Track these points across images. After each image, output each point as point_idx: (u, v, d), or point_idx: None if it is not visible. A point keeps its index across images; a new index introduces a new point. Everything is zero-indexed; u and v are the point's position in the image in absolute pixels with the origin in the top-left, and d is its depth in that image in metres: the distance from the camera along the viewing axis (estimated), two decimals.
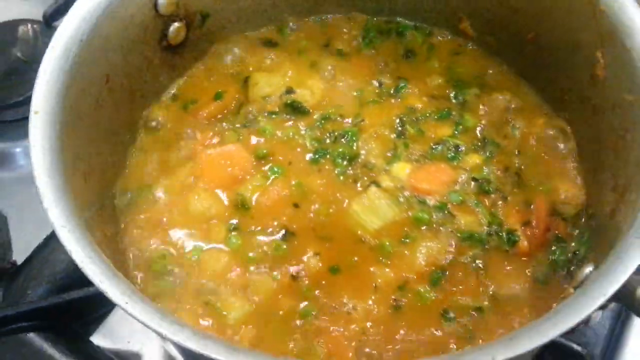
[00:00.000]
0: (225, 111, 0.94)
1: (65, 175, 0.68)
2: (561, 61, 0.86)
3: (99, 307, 1.00)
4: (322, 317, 0.78)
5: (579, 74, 0.83)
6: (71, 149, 0.72)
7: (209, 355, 0.54)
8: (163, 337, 0.56)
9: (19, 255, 1.05)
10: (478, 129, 0.91)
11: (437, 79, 0.95)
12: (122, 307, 0.58)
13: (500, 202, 0.85)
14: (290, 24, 1.01)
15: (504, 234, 0.82)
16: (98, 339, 1.00)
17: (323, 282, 0.80)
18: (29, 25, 1.26)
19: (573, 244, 0.82)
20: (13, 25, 1.26)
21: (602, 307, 0.64)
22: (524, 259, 0.81)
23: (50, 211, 0.62)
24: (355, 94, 0.95)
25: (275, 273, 0.81)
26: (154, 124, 0.92)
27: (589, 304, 0.57)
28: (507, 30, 0.92)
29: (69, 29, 0.76)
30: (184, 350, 0.72)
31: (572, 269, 0.78)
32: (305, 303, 0.79)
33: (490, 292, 0.79)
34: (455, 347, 0.76)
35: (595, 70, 0.78)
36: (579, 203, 0.83)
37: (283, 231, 0.83)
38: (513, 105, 0.92)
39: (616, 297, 0.59)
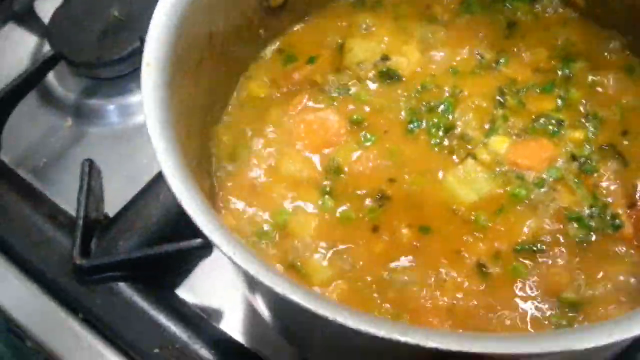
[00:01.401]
0: (320, 75, 0.93)
1: (172, 127, 0.70)
2: None
3: (186, 261, 1.03)
4: (411, 286, 0.77)
5: None
6: (176, 102, 0.74)
7: (320, 313, 0.53)
8: (274, 293, 0.56)
9: (110, 208, 1.09)
10: (583, 104, 0.87)
11: (541, 51, 0.91)
12: (230, 258, 0.58)
13: (603, 182, 0.81)
14: None
15: (607, 216, 0.79)
16: (183, 293, 1.03)
17: (414, 251, 0.79)
18: None
19: None
20: None
21: None
22: (628, 244, 0.78)
23: (164, 160, 0.64)
24: (453, 64, 0.92)
25: (365, 238, 0.80)
26: (250, 84, 0.93)
27: None
28: (622, 2, 0.87)
29: None
30: (283, 308, 0.73)
31: None
32: (395, 270, 0.78)
33: (590, 276, 0.76)
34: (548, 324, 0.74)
35: None
36: None
37: (376, 197, 0.83)
38: (623, 82, 0.88)
39: None
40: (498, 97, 0.88)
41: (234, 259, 0.58)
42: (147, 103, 0.67)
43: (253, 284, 0.66)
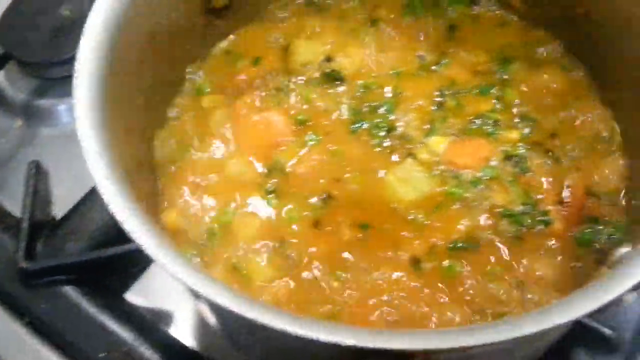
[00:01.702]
0: (265, 77, 0.94)
1: (107, 129, 0.69)
2: (612, 38, 0.84)
3: (135, 264, 1.02)
4: (352, 284, 0.78)
5: (630, 55, 0.80)
6: (114, 104, 0.73)
7: (244, 315, 0.54)
8: (199, 295, 0.57)
9: (58, 210, 1.08)
10: (519, 105, 0.89)
11: (480, 53, 0.93)
12: (158, 261, 0.59)
13: (534, 180, 0.83)
14: None
15: (537, 213, 0.81)
16: (132, 297, 1.02)
17: (355, 249, 0.80)
18: None
19: (610, 229, 0.80)
20: None
21: (637, 288, 0.63)
22: (558, 239, 0.80)
23: (94, 163, 0.63)
24: (395, 65, 0.94)
25: (308, 238, 0.81)
26: (194, 85, 0.93)
27: (620, 284, 0.56)
28: (557, 3, 0.90)
29: None
30: (217, 311, 0.73)
31: (606, 250, 0.77)
32: (336, 268, 0.79)
33: (521, 271, 0.78)
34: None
35: None
36: (618, 184, 0.82)
37: (318, 197, 0.84)
38: (558, 83, 0.90)
39: None
40: (438, 98, 0.90)
41: (161, 262, 0.58)
42: (79, 105, 0.67)
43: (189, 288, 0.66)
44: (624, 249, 0.65)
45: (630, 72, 0.81)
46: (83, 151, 0.65)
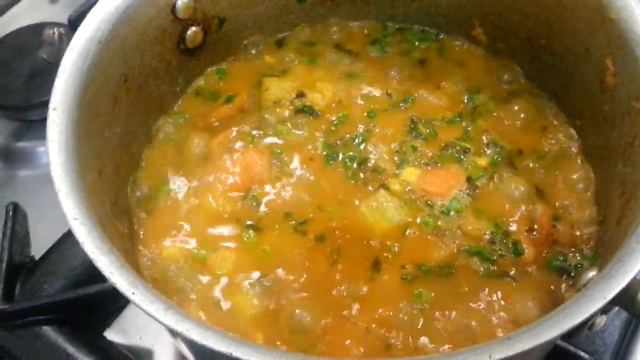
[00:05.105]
0: (238, 114, 0.96)
1: (80, 171, 0.70)
2: (572, 68, 0.87)
3: (114, 302, 1.02)
4: (327, 318, 0.79)
5: (590, 80, 0.83)
6: (87, 145, 0.75)
7: (211, 347, 0.55)
8: (168, 328, 0.58)
9: (37, 251, 1.07)
10: (487, 132, 0.91)
11: (448, 85, 0.96)
12: (129, 297, 0.59)
13: (504, 207, 0.85)
14: (305, 29, 1.03)
15: (509, 242, 0.83)
16: (111, 334, 1.02)
17: (330, 281, 0.81)
18: (55, 29, 1.30)
19: (577, 257, 0.81)
20: (39, 27, 1.30)
21: (605, 312, 0.64)
22: (530, 267, 0.81)
23: (64, 204, 0.64)
24: (366, 99, 0.96)
25: (287, 269, 0.82)
26: (169, 124, 0.94)
27: (588, 306, 0.57)
28: (519, 36, 0.93)
29: (88, 31, 0.78)
30: (192, 345, 0.74)
31: (575, 275, 0.78)
32: (312, 299, 0.80)
33: (495, 298, 0.79)
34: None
35: (606, 78, 0.79)
36: (585, 207, 0.83)
37: (295, 228, 0.85)
38: (524, 111, 0.92)
39: (618, 300, 0.59)
40: (409, 129, 0.92)
41: (133, 299, 0.59)
42: (51, 148, 0.68)
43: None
44: (590, 273, 0.66)
45: (591, 97, 0.84)
46: (56, 191, 0.66)
